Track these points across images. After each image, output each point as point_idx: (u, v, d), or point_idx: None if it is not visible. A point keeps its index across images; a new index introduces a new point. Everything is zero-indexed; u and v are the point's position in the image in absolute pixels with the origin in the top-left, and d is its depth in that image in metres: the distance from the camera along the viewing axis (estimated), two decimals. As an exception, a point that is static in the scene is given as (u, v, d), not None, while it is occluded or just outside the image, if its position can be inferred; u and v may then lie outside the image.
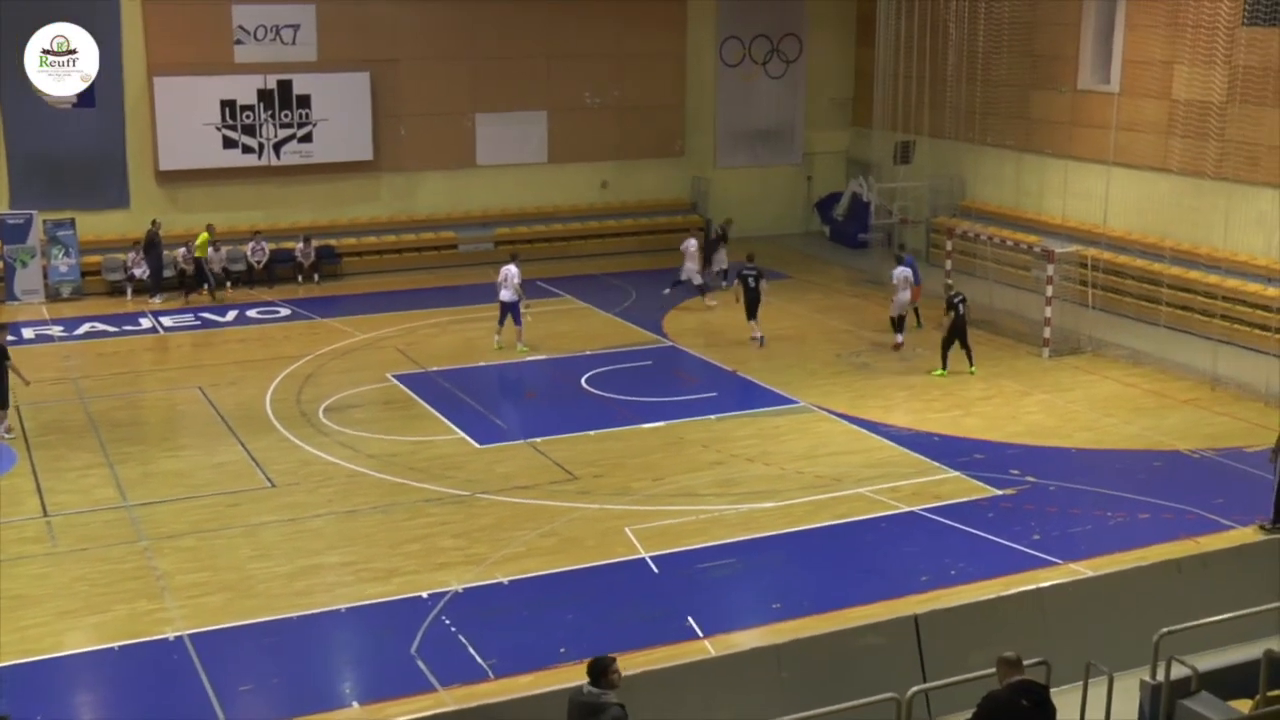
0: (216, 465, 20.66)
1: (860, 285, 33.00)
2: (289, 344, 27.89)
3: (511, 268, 26.61)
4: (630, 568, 16.90)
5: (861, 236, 36.50)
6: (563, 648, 14.70)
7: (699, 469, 20.41)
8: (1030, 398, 24.13)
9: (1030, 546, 17.44)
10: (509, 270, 26.56)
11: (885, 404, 23.68)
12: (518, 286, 26.51)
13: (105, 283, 32.25)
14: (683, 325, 29.25)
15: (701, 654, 14.18)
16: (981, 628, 13.62)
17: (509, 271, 26.55)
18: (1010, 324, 28.68)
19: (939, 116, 33.56)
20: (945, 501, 18.98)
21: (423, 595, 16.06)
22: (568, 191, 37.20)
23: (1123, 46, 29.94)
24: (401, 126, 35.14)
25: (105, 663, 14.66)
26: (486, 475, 20.16)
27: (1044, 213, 32.26)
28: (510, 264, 26.77)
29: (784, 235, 38.75)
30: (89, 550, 17.38)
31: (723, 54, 38.58)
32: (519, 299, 26.63)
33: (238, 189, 33.86)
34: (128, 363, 26.57)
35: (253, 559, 17.17)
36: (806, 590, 16.35)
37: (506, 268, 26.68)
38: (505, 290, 26.56)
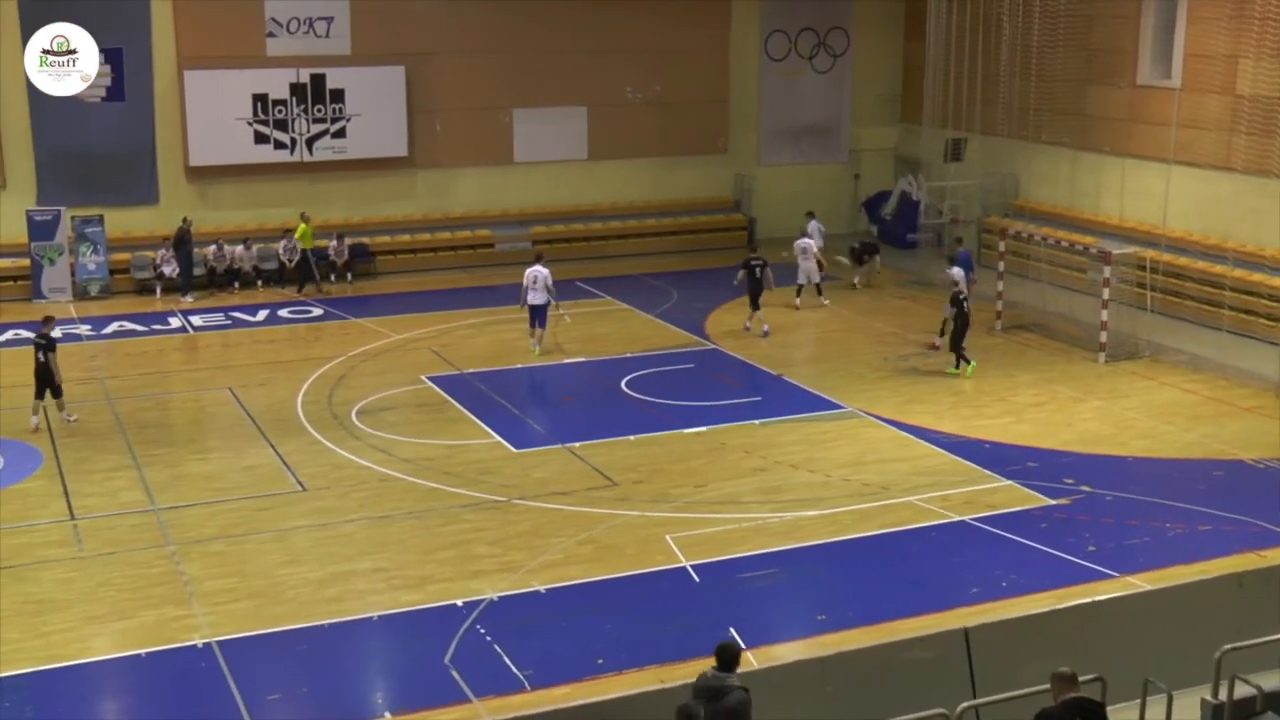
0: (246, 468, 20.76)
1: (908, 287, 32.85)
2: (321, 344, 28.02)
3: (541, 269, 26.51)
4: (670, 577, 16.86)
5: (910, 237, 36.36)
6: (600, 658, 14.68)
7: (742, 475, 20.36)
8: (1085, 404, 23.95)
9: (1085, 558, 17.30)
10: (540, 272, 26.44)
11: (934, 409, 23.56)
12: (550, 287, 26.45)
13: (134, 281, 32.51)
14: (725, 327, 29.19)
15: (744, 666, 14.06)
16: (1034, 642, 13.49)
17: (540, 273, 26.43)
18: (1064, 328, 28.50)
19: (991, 113, 33.38)
20: (996, 511, 18.86)
21: (457, 604, 16.07)
22: (607, 189, 37.21)
23: (1184, 40, 29.69)
24: (437, 122, 35.24)
25: (131, 670, 14.73)
26: (523, 480, 20.17)
27: (1100, 213, 32.04)
28: (538, 265, 26.66)
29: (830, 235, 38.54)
30: (115, 554, 17.48)
31: (767, 48, 38.51)
32: (549, 301, 26.59)
33: (269, 185, 34.06)
34: (156, 363, 26.75)
35: (283, 565, 17.23)
36: (852, 602, 16.27)
37: (536, 269, 26.54)
38: (535, 293, 26.43)
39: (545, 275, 26.38)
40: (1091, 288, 28.17)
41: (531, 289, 26.44)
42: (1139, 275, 27.93)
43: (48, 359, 22.33)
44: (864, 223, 39.29)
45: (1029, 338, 28.14)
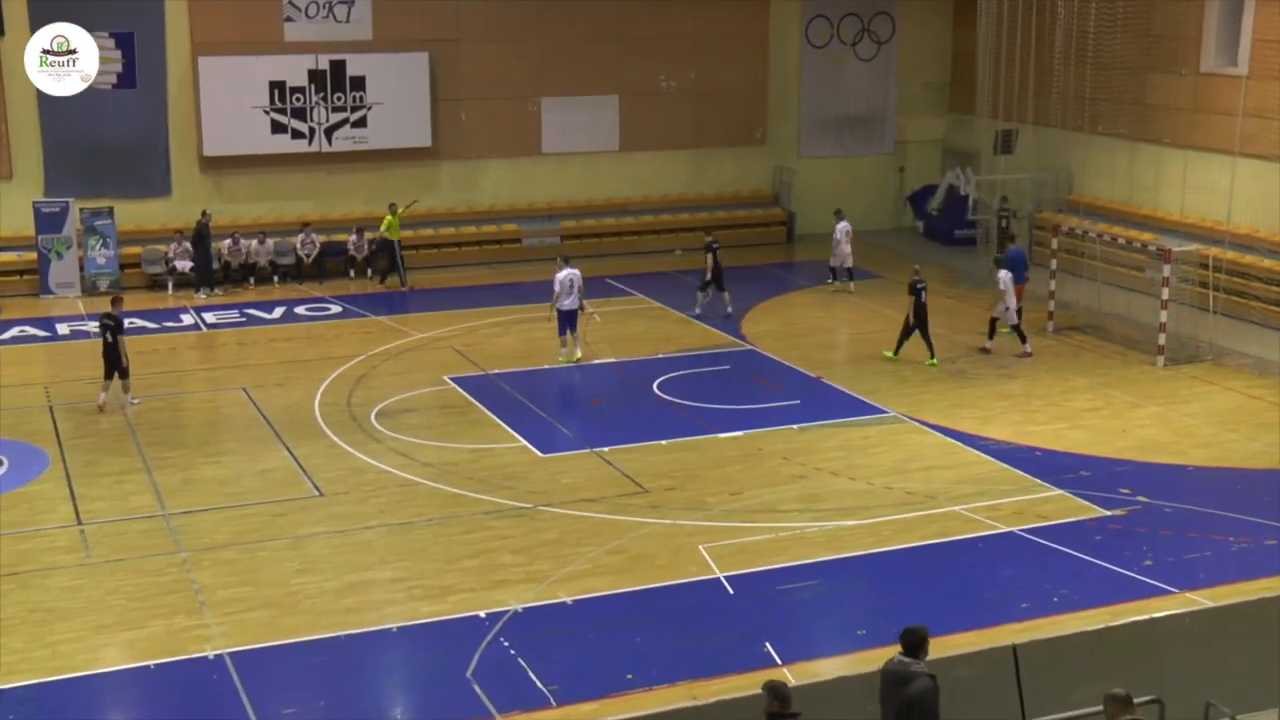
0: (261, 472, 20.86)
1: (957, 286, 32.75)
2: (340, 343, 28.12)
3: (574, 272, 26.05)
4: (704, 588, 16.85)
5: (958, 233, 36.24)
6: (630, 673, 14.68)
7: (780, 483, 20.34)
8: (1142, 410, 23.83)
9: (1142, 573, 17.21)
10: (574, 274, 25.96)
11: (982, 415, 23.49)
12: (581, 289, 26.17)
13: (145, 276, 32.69)
14: (762, 327, 29.16)
15: (779, 684, 14.11)
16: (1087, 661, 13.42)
17: (575, 276, 25.95)
18: (1121, 329, 28.36)
19: (1045, 102, 33.22)
20: (1048, 522, 18.79)
21: (480, 615, 16.10)
22: (640, 183, 37.24)
23: (1253, 24, 29.44)
24: (462, 111, 35.33)
25: (141, 681, 14.81)
26: (550, 486, 20.20)
27: (1160, 208, 31.85)
28: (569, 267, 26.08)
29: (873, 231, 38.54)
30: (125, 561, 17.58)
31: (808, 34, 38.46)
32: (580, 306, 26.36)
33: (286, 177, 34.21)
34: (168, 362, 26.91)
35: (298, 573, 17.30)
36: (895, 616, 16.14)
37: (571, 272, 25.96)
38: (570, 297, 25.94)
39: (578, 279, 26.04)
40: (1150, 287, 28.03)
41: (567, 294, 25.89)
42: (1201, 274, 27.75)
43: (116, 340, 23.35)
44: (909, 218, 39.21)
45: (1083, 340, 28.02)
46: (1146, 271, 29.21)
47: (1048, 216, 33.96)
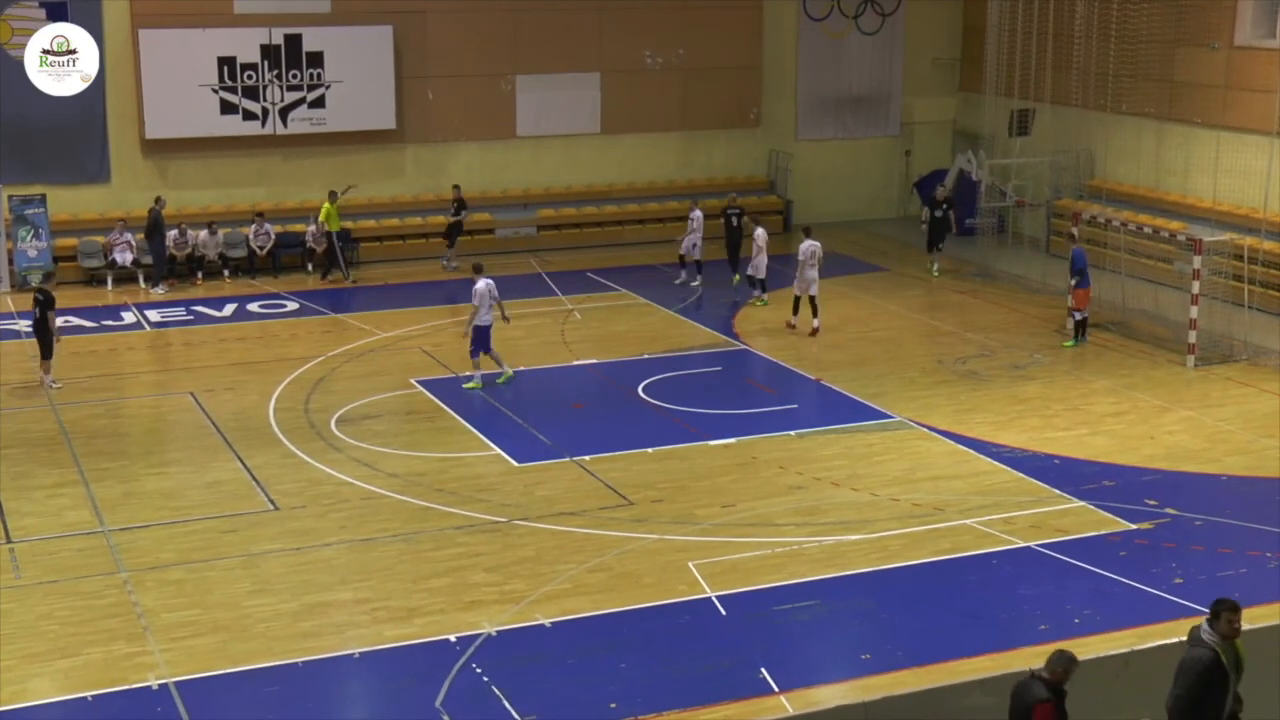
0: (210, 484, 20.81)
1: (968, 279, 32.82)
2: (296, 344, 28.09)
3: (490, 282, 25.03)
4: (694, 609, 16.86)
5: (969, 222, 36.29)
6: (614, 702, 14.69)
7: (776, 494, 20.36)
8: (1171, 414, 23.90)
9: (1171, 591, 17.26)
10: (490, 284, 24.91)
11: (996, 419, 23.54)
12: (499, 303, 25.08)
13: (82, 270, 32.63)
14: (757, 325, 29.19)
15: (777, 712, 14.12)
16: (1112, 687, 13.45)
17: (492, 286, 24.90)
18: (1147, 327, 28.44)
19: (1064, 80, 33.32)
20: (1068, 536, 18.82)
21: (450, 639, 16.09)
22: (623, 168, 37.28)
23: (1292, -7, 29.65)
24: (429, 90, 35.34)
25: (77, 714, 14.74)
26: (526, 499, 20.20)
27: (1190, 194, 31.97)
28: (484, 278, 24.97)
29: (877, 220, 38.62)
30: (59, 583, 17.51)
31: (807, 7, 38.54)
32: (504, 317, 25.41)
33: (237, 162, 34.18)
34: (107, 364, 26.85)
35: (251, 595, 17.26)
36: (901, 639, 16.25)
37: (488, 282, 24.88)
38: (486, 312, 24.79)
39: (494, 289, 25.00)
40: (1179, 280, 28.14)
41: (483, 308, 24.82)
42: (1235, 266, 27.86)
43: (45, 316, 24.58)
44: (916, 205, 39.27)
45: (1106, 338, 28.09)
46: (1175, 263, 29.31)
47: (1067, 204, 34.07)
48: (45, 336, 24.79)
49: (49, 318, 24.69)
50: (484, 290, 24.79)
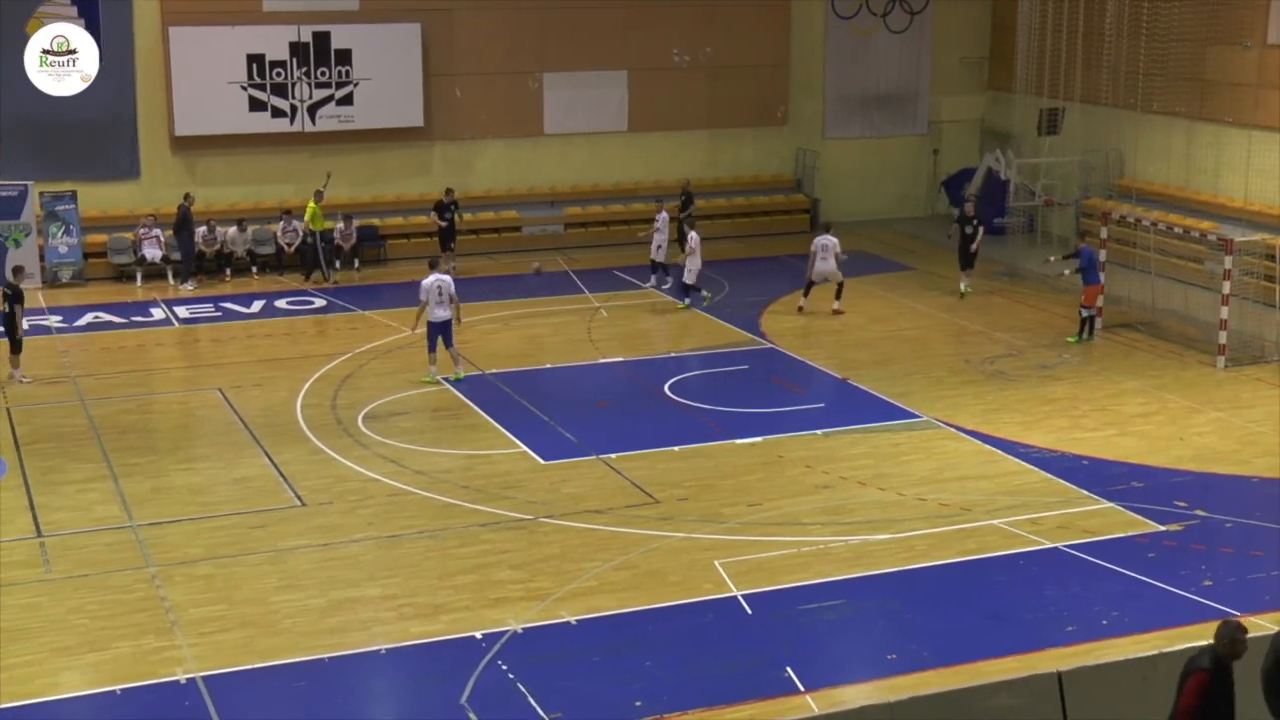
0: (237, 480, 20.89)
1: (995, 279, 32.72)
2: (324, 340, 28.19)
3: (445, 276, 25.23)
4: (719, 607, 16.86)
5: (998, 221, 36.15)
6: (639, 700, 14.69)
7: (802, 493, 20.35)
8: (1201, 415, 23.81)
9: (1200, 594, 17.18)
10: (444, 280, 24.98)
11: (1024, 420, 23.47)
12: (455, 297, 25.05)
13: (112, 266, 32.75)
14: (784, 324, 29.17)
15: (803, 711, 14.11)
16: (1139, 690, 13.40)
17: (445, 282, 24.95)
18: (1177, 327, 28.33)
19: (1093, 78, 33.21)
20: (1096, 537, 18.76)
21: (476, 636, 16.11)
22: (650, 166, 37.24)
23: (1327, -10, 29.51)
24: (457, 88, 35.37)
25: (105, 708, 14.80)
26: (552, 496, 20.22)
27: (1221, 194, 31.83)
28: (437, 273, 25.16)
29: (905, 219, 38.54)
30: (88, 577, 17.59)
31: (834, 4, 38.46)
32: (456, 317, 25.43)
33: (266, 159, 34.27)
34: (136, 359, 26.95)
35: (278, 590, 17.32)
36: (927, 639, 16.22)
37: (440, 277, 24.99)
38: (441, 307, 24.82)
39: (450, 284, 25.07)
40: (1210, 281, 28.01)
41: (437, 303, 24.86)
42: (1266, 266, 27.71)
43: (13, 310, 24.70)
44: (944, 204, 39.18)
45: (1135, 338, 28.00)
46: (1206, 263, 29.18)
47: (1096, 203, 33.96)
48: (13, 331, 24.92)
49: (16, 312, 24.83)
50: (429, 285, 24.80)
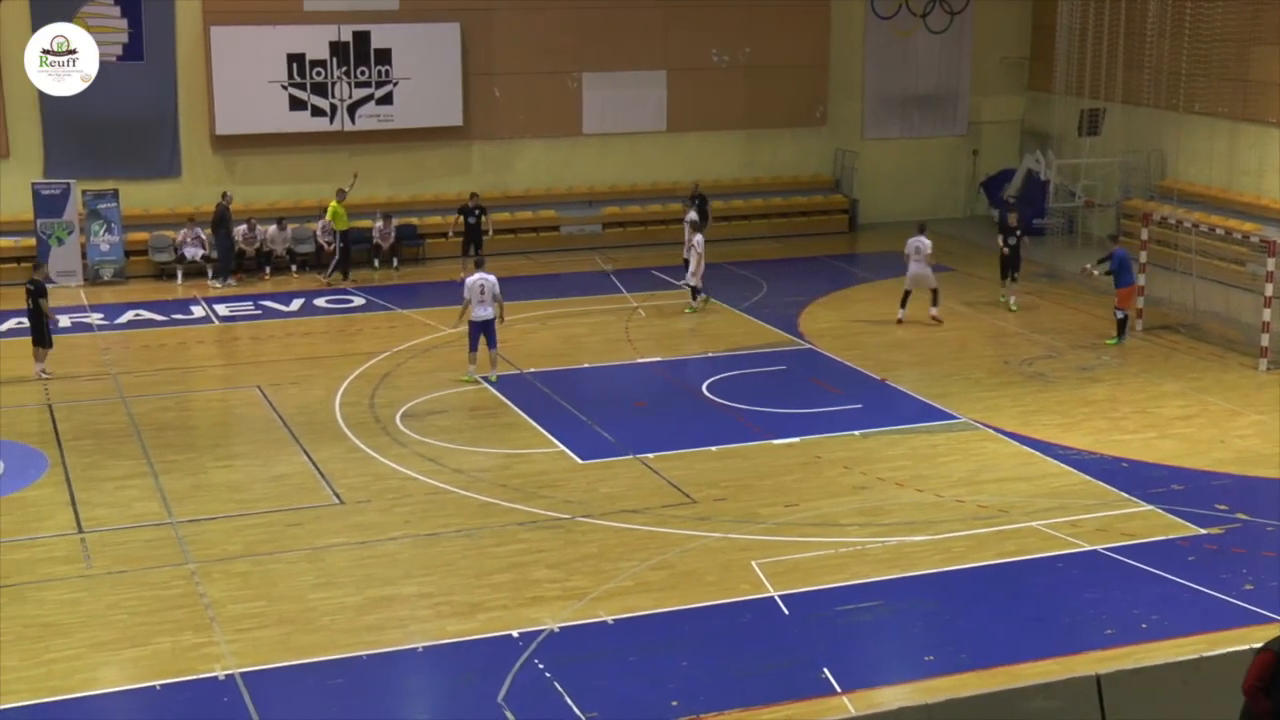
0: (276, 478, 20.97)
1: (1035, 280, 32.57)
2: (362, 338, 28.26)
3: (489, 275, 25.05)
4: (756, 608, 16.83)
5: (1037, 222, 36.05)
6: (675, 700, 14.68)
7: (840, 494, 20.31)
8: (1242, 418, 23.66)
9: (1241, 598, 17.07)
10: (488, 280, 24.88)
11: (1063, 421, 23.37)
12: (499, 296, 25.01)
13: (152, 264, 32.93)
14: (822, 325, 29.12)
15: (839, 712, 14.09)
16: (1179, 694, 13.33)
17: (488, 281, 24.85)
18: (1218, 329, 28.18)
19: (1135, 79, 33.04)
20: (1135, 540, 18.67)
21: (513, 634, 16.13)
22: (689, 166, 37.20)
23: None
24: (496, 87, 35.42)
25: (144, 703, 14.89)
26: (589, 496, 20.23)
27: (1264, 195, 31.63)
28: (481, 272, 25.10)
29: (944, 220, 38.37)
30: (127, 573, 17.69)
31: (874, 5, 38.37)
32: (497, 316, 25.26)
33: (306, 158, 34.39)
34: (176, 357, 27.10)
35: (316, 588, 17.37)
36: (965, 641, 16.17)
37: (482, 276, 24.93)
38: (484, 306, 24.84)
39: (494, 283, 24.98)
40: (1252, 283, 27.84)
41: (479, 302, 24.85)
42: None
43: (37, 305, 24.86)
44: (983, 205, 39.05)
45: (1176, 340, 27.85)
46: (1248, 265, 29.01)
47: (1138, 204, 33.76)
48: (39, 326, 25.09)
49: (41, 306, 24.98)
50: (473, 284, 24.85)
